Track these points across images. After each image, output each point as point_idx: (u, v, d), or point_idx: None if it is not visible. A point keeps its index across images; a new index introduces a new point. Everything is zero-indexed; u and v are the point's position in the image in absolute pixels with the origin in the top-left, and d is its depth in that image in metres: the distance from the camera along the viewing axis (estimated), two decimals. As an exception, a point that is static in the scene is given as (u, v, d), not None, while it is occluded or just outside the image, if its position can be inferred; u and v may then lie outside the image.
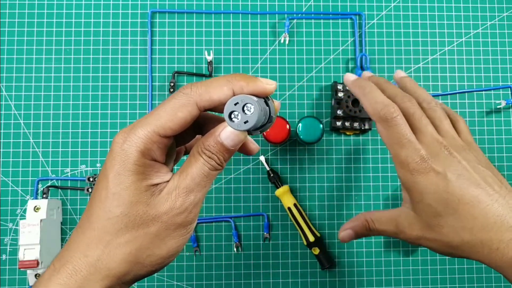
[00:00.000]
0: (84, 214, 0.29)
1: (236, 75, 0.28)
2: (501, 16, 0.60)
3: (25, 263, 0.48)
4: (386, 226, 0.37)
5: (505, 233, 0.30)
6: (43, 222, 0.50)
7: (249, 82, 0.27)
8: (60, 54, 0.58)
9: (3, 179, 0.56)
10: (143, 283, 0.55)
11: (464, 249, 0.32)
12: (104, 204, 0.27)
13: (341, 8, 0.60)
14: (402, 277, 0.57)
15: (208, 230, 0.56)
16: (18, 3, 0.58)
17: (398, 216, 0.36)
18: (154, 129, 0.27)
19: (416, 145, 0.33)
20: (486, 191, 0.32)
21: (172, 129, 0.27)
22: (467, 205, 0.32)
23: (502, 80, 0.60)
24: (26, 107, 0.57)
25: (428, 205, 0.33)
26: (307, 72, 0.59)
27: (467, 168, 0.33)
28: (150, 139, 0.27)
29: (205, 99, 0.27)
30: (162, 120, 0.27)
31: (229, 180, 0.57)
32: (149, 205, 0.27)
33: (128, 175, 0.27)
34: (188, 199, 0.28)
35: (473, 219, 0.31)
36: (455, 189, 0.32)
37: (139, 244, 0.27)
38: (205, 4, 0.59)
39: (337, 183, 0.58)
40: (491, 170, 0.35)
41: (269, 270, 0.56)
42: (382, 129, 0.35)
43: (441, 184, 0.32)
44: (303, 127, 0.52)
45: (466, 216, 0.32)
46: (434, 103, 0.37)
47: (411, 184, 0.34)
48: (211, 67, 0.57)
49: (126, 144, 0.27)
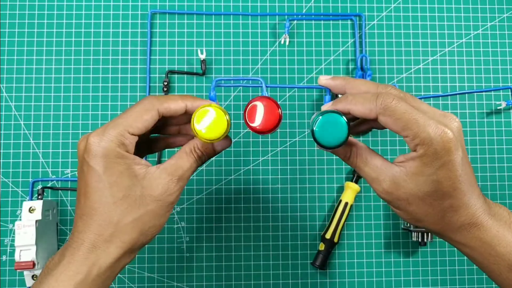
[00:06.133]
0: (81, 205, 0.34)
1: (187, 95, 0.37)
2: (501, 17, 0.60)
3: (21, 264, 0.48)
4: (374, 174, 0.35)
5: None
6: (39, 223, 0.50)
7: (195, 100, 0.36)
8: (60, 55, 0.58)
9: (3, 180, 0.56)
10: (143, 284, 0.55)
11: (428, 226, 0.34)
12: (105, 193, 0.33)
13: (341, 9, 0.60)
14: (403, 278, 0.57)
15: (209, 231, 0.57)
16: (18, 4, 0.58)
17: (396, 176, 0.33)
18: (124, 128, 0.34)
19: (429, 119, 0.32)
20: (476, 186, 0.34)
21: (139, 128, 0.34)
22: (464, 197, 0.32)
23: (502, 81, 0.60)
24: (27, 108, 0.57)
25: (439, 183, 0.32)
26: (307, 73, 0.59)
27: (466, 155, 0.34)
28: (122, 135, 0.33)
29: (164, 107, 0.35)
30: (131, 121, 0.34)
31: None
32: (144, 187, 0.34)
33: (117, 165, 0.33)
34: (178, 184, 0.35)
35: (464, 215, 0.33)
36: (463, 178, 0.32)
37: (143, 220, 0.34)
38: (205, 6, 0.59)
39: (338, 184, 0.58)
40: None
41: (269, 271, 0.56)
42: (387, 119, 0.32)
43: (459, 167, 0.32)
44: (321, 125, 0.34)
45: (459, 207, 0.32)
46: (382, 87, 0.35)
47: (445, 160, 0.31)
48: (204, 66, 0.57)
49: (103, 142, 0.33)
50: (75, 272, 0.32)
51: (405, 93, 0.34)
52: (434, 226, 0.34)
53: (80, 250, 0.33)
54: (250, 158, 0.57)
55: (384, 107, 0.32)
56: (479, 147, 0.59)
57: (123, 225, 0.34)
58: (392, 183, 0.33)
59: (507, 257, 0.32)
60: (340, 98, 0.35)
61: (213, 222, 0.57)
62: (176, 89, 0.58)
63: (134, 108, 0.35)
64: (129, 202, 0.34)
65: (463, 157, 0.32)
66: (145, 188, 0.34)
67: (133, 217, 0.34)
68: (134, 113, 0.34)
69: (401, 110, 0.31)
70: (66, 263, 0.33)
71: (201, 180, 0.57)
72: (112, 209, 0.33)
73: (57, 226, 0.55)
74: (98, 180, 0.33)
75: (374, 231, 0.57)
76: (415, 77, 0.59)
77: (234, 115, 0.58)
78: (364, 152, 0.35)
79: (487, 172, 0.58)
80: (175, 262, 0.56)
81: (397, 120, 0.31)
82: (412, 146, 0.32)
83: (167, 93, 0.57)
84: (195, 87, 0.58)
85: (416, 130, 0.31)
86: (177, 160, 0.36)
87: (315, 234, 0.57)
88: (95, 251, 0.33)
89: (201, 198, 0.57)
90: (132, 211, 0.34)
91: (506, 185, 0.58)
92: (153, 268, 0.56)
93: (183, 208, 0.57)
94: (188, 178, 0.36)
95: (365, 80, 0.36)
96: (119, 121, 0.34)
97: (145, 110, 0.34)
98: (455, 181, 0.31)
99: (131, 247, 0.34)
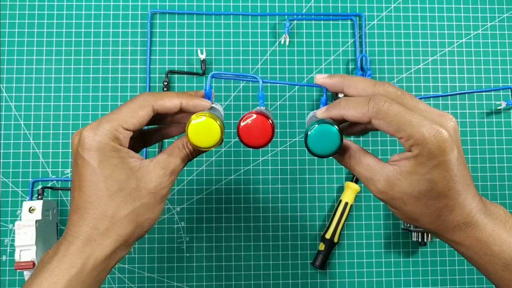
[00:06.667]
0: (75, 199, 0.34)
1: (184, 92, 0.37)
2: (501, 17, 0.60)
3: (21, 264, 0.48)
4: (367, 174, 0.34)
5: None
6: (39, 223, 0.50)
7: (190, 98, 0.36)
8: (60, 55, 0.58)
9: (3, 180, 0.56)
10: (143, 284, 0.55)
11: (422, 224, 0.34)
12: (99, 186, 0.33)
13: (341, 9, 0.60)
14: (403, 278, 0.57)
15: (209, 231, 0.57)
16: (18, 4, 0.58)
17: (390, 175, 0.33)
18: (119, 122, 0.34)
19: (424, 119, 0.31)
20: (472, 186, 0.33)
21: (133, 124, 0.34)
22: (458, 198, 0.32)
23: (502, 81, 0.60)
24: (27, 108, 0.57)
25: (434, 183, 0.32)
26: (307, 73, 0.59)
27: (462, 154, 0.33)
28: (116, 130, 0.34)
29: (160, 104, 0.35)
30: (126, 116, 0.34)
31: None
32: (139, 180, 0.34)
33: (111, 158, 0.33)
34: (171, 178, 0.36)
35: (457, 216, 0.32)
36: (458, 178, 0.32)
37: (138, 212, 0.35)
38: (205, 6, 0.59)
39: (338, 184, 0.58)
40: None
41: (269, 271, 0.56)
42: (380, 122, 0.32)
43: (454, 167, 0.31)
44: (314, 135, 0.35)
45: (454, 208, 0.32)
46: (379, 84, 0.35)
47: (441, 159, 0.31)
48: (204, 66, 0.57)
49: (97, 136, 0.33)
50: (69, 265, 0.32)
51: (403, 91, 0.34)
52: (430, 226, 0.34)
53: (75, 243, 0.33)
54: (250, 158, 0.57)
55: (377, 111, 0.32)
56: (479, 147, 0.59)
57: (118, 219, 0.34)
58: (387, 183, 0.33)
59: (502, 256, 0.32)
60: (333, 103, 0.35)
61: (213, 222, 0.57)
62: (176, 89, 0.58)
63: (129, 103, 0.35)
64: (124, 195, 0.34)
65: (458, 157, 0.31)
66: (140, 181, 0.34)
67: (128, 210, 0.34)
68: (129, 109, 0.35)
69: (393, 112, 0.31)
70: (60, 256, 0.33)
71: (201, 180, 0.57)
72: (107, 202, 0.33)
73: (57, 226, 0.55)
74: (93, 174, 0.33)
75: (374, 231, 0.57)
76: (415, 77, 0.59)
77: (234, 115, 0.58)
78: (358, 153, 0.35)
79: (487, 172, 0.58)
80: (175, 262, 0.56)
81: (390, 123, 0.31)
82: (407, 147, 0.32)
83: (167, 93, 0.57)
84: (195, 87, 0.58)
85: (409, 131, 0.31)
86: (169, 155, 0.36)
87: (315, 234, 0.57)
88: (90, 245, 0.33)
89: (201, 198, 0.57)
90: (127, 204, 0.34)
91: (506, 185, 0.58)
92: (153, 268, 0.56)
93: (183, 208, 0.57)
94: (179, 172, 0.37)
95: (363, 78, 0.36)
96: (114, 116, 0.34)
97: (140, 106, 0.35)
98: (450, 181, 0.31)
99: (127, 240, 0.35)
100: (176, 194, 0.57)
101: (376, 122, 0.32)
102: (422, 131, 0.31)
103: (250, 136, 0.36)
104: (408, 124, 0.31)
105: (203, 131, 0.35)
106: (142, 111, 0.35)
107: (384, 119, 0.31)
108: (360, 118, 0.33)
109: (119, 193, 0.34)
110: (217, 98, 0.58)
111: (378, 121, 0.32)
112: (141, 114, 0.35)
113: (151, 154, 0.57)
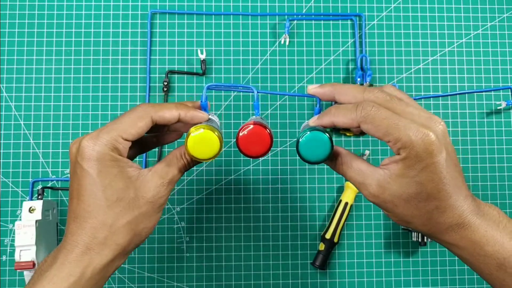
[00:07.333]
0: (74, 207, 0.34)
1: (182, 104, 0.38)
2: (501, 17, 0.60)
3: (21, 264, 0.48)
4: (359, 178, 0.35)
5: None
6: (39, 223, 0.50)
7: (188, 110, 0.37)
8: (60, 55, 0.58)
9: (3, 180, 0.56)
10: (143, 284, 0.55)
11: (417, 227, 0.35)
12: (98, 195, 0.34)
13: (341, 9, 0.60)
14: (403, 278, 0.57)
15: (209, 231, 0.57)
16: (18, 4, 0.58)
17: (381, 179, 0.34)
18: (118, 133, 0.34)
19: (412, 122, 0.32)
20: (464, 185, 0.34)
21: (132, 134, 0.35)
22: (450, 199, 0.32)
23: (502, 81, 0.60)
24: (27, 108, 0.57)
25: (422, 185, 0.32)
26: (307, 73, 0.59)
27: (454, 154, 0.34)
28: (116, 140, 0.34)
29: (159, 115, 0.36)
30: (125, 127, 0.35)
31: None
32: (137, 189, 0.35)
33: (111, 168, 0.34)
34: (168, 188, 0.36)
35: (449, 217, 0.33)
36: (448, 179, 0.32)
37: (136, 222, 0.35)
38: (205, 6, 0.59)
39: (338, 184, 0.58)
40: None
41: (269, 271, 0.56)
42: (368, 127, 0.33)
43: (444, 168, 0.32)
44: (305, 143, 0.36)
45: (444, 209, 0.32)
46: (368, 90, 0.35)
47: (428, 162, 0.31)
48: (204, 66, 0.57)
49: (97, 146, 0.34)
50: (68, 273, 0.33)
51: (392, 95, 0.34)
52: (423, 227, 0.34)
53: (73, 252, 0.33)
54: (250, 158, 0.57)
55: (364, 115, 0.32)
56: (479, 147, 0.59)
57: (117, 228, 0.34)
58: (378, 187, 0.34)
59: (496, 256, 0.32)
60: (324, 111, 0.36)
61: (213, 222, 0.57)
62: (176, 89, 0.58)
63: (128, 114, 0.36)
64: (122, 204, 0.34)
65: (447, 159, 0.32)
66: (138, 190, 0.35)
67: (126, 220, 0.34)
68: (128, 120, 0.35)
69: (380, 117, 0.32)
70: (59, 264, 0.33)
71: (201, 180, 0.57)
72: (106, 211, 0.34)
73: (57, 226, 0.55)
74: (92, 183, 0.34)
75: (374, 231, 0.57)
76: (415, 77, 0.59)
77: (234, 115, 0.58)
78: (349, 159, 0.36)
79: (487, 172, 0.58)
80: (175, 262, 0.56)
81: (378, 127, 0.32)
82: (396, 150, 0.32)
83: (167, 93, 0.57)
84: (195, 87, 0.58)
85: (397, 134, 0.31)
86: (167, 165, 0.37)
87: (315, 234, 0.57)
88: (89, 254, 0.33)
89: (201, 198, 0.57)
90: (126, 214, 0.34)
91: (506, 185, 0.58)
92: (153, 268, 0.56)
93: (183, 208, 0.57)
94: (176, 181, 0.37)
95: (353, 85, 0.36)
96: (114, 126, 0.35)
97: (140, 117, 0.35)
98: (439, 183, 0.32)
99: (125, 249, 0.35)
100: (176, 194, 0.57)
101: (365, 127, 0.33)
102: (409, 134, 0.31)
103: (249, 146, 0.37)
104: (395, 128, 0.31)
105: (203, 143, 0.35)
106: (141, 122, 0.35)
107: (371, 123, 0.32)
108: (350, 124, 0.34)
109: (118, 203, 0.34)
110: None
111: (367, 125, 0.33)
112: (140, 125, 0.35)
113: (151, 163, 0.57)
